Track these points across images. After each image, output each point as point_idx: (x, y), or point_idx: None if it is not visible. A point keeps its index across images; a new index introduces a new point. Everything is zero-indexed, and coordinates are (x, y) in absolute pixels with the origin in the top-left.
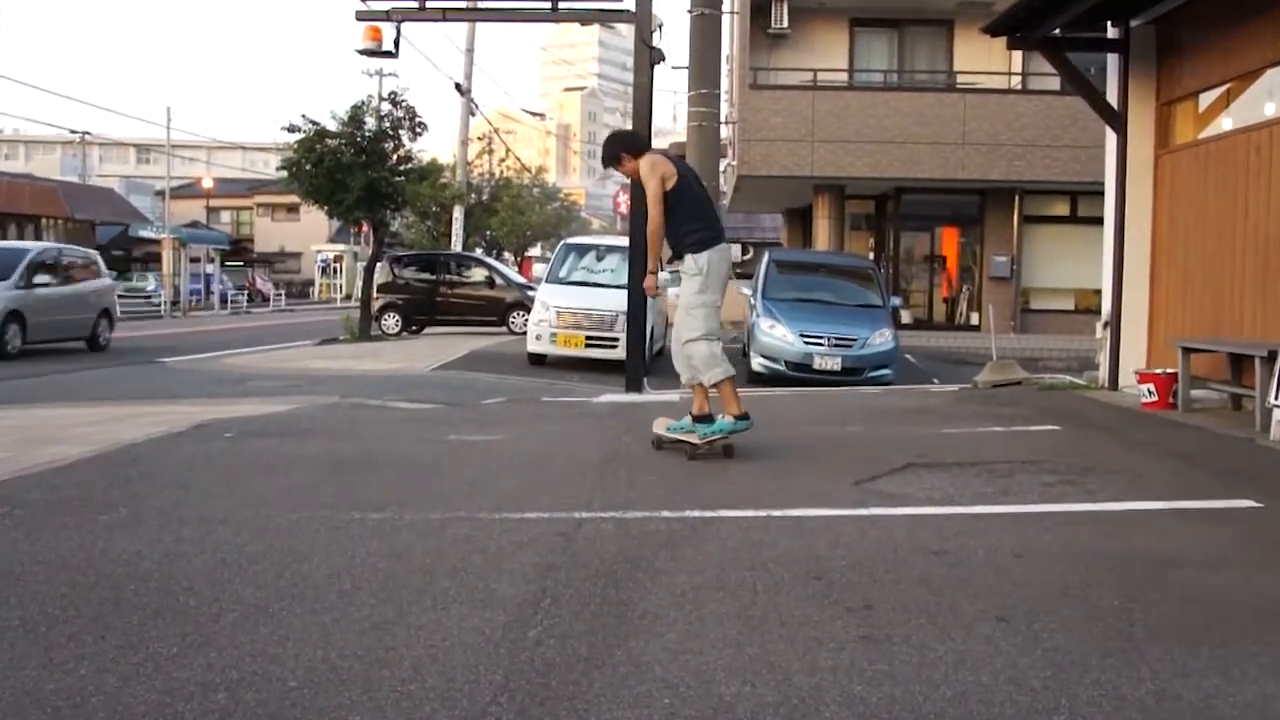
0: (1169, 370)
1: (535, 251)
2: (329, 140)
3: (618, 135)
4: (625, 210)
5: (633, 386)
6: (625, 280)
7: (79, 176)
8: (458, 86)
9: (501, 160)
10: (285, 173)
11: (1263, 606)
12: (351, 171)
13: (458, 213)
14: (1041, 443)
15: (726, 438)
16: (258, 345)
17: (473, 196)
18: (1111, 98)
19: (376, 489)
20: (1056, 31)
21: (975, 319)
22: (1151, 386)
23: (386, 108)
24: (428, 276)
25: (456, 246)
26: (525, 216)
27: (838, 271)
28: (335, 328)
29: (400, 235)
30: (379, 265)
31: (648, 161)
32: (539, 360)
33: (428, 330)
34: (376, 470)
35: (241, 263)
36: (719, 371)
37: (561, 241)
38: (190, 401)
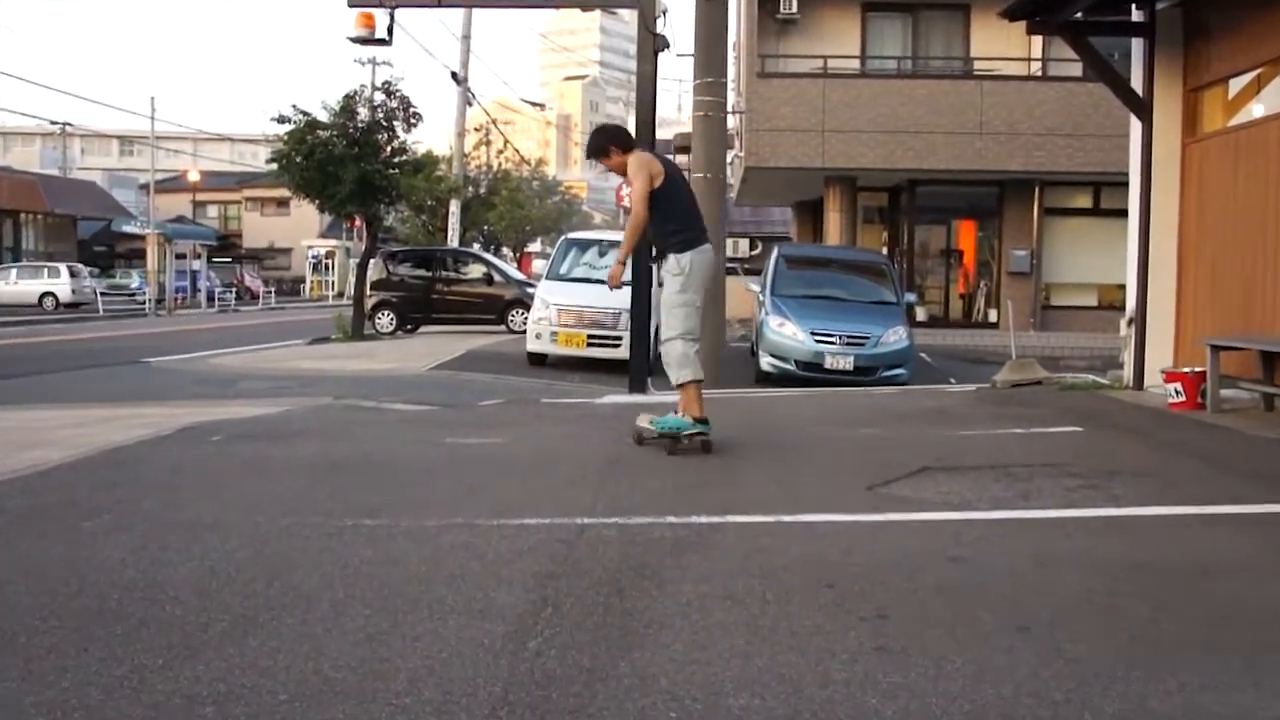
0: (1197, 369)
1: (535, 247)
2: (320, 132)
3: (607, 128)
4: (629, 204)
5: (636, 387)
6: (629, 276)
7: (59, 169)
8: (454, 75)
9: (500, 152)
10: (275, 165)
11: None
12: (344, 164)
13: (454, 207)
14: (1063, 445)
15: (677, 434)
16: (246, 345)
17: (470, 190)
18: (1136, 84)
19: (370, 494)
20: (1078, 15)
21: (993, 316)
22: (1178, 386)
23: (380, 98)
24: (423, 273)
25: (453, 242)
26: (524, 210)
27: (850, 267)
28: (327, 326)
29: (394, 230)
30: (372, 261)
31: (636, 158)
32: (539, 360)
33: (423, 329)
34: (370, 475)
35: (229, 259)
36: (688, 373)
37: (562, 237)
38: (177, 403)
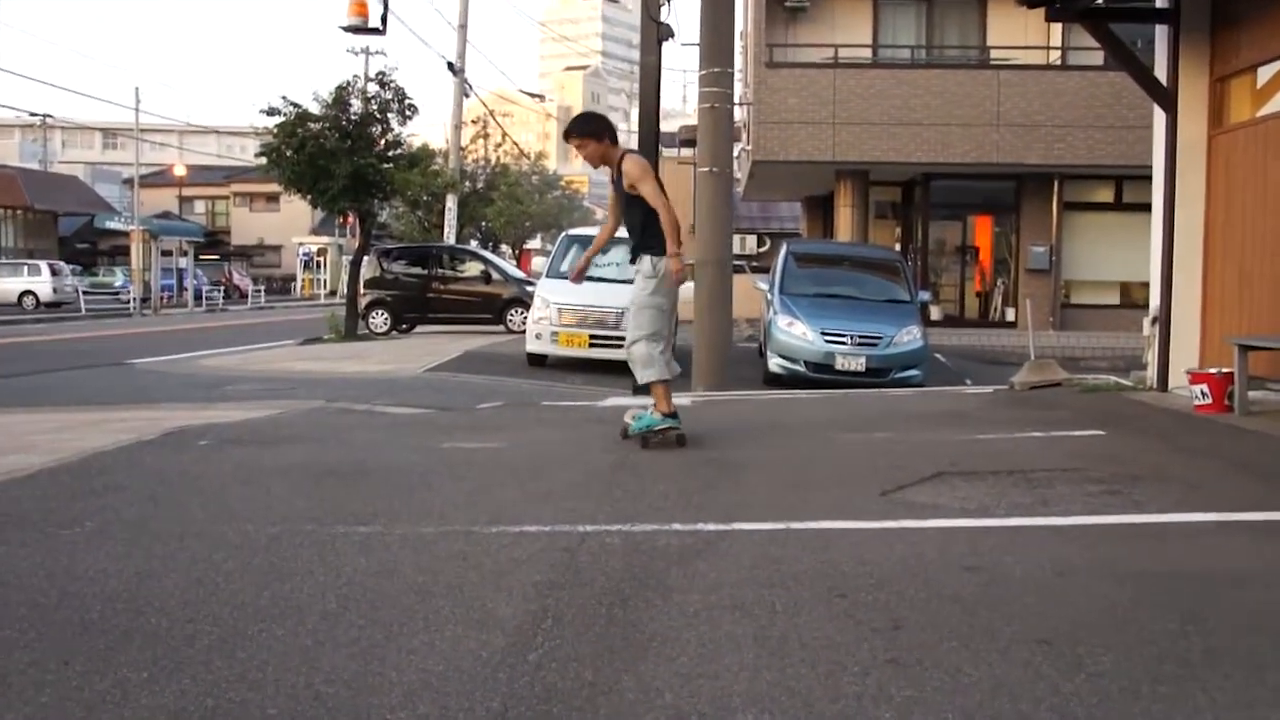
0: (1224, 370)
1: (534, 244)
2: (311, 124)
3: (600, 116)
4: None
5: (640, 389)
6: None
7: (40, 163)
8: (450, 66)
9: (498, 145)
10: (264, 159)
11: None
12: (336, 158)
13: (451, 202)
14: (1084, 449)
15: (646, 432)
16: (235, 345)
17: (467, 184)
18: (1160, 73)
19: (364, 501)
20: (1099, 1)
21: (1011, 315)
22: (1205, 387)
23: (374, 89)
24: (419, 271)
25: (450, 238)
26: (523, 206)
27: (861, 264)
28: (319, 326)
29: (389, 226)
30: (366, 259)
31: (639, 162)
32: (539, 361)
33: (419, 329)
34: (364, 480)
35: (217, 256)
36: (652, 373)
37: (563, 233)
38: (162, 406)
